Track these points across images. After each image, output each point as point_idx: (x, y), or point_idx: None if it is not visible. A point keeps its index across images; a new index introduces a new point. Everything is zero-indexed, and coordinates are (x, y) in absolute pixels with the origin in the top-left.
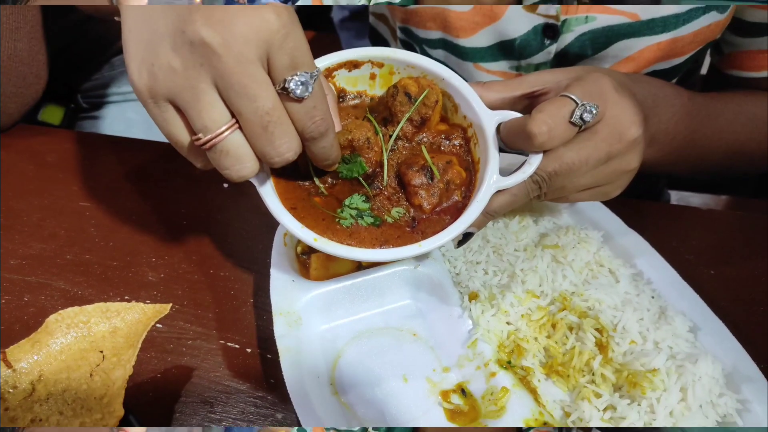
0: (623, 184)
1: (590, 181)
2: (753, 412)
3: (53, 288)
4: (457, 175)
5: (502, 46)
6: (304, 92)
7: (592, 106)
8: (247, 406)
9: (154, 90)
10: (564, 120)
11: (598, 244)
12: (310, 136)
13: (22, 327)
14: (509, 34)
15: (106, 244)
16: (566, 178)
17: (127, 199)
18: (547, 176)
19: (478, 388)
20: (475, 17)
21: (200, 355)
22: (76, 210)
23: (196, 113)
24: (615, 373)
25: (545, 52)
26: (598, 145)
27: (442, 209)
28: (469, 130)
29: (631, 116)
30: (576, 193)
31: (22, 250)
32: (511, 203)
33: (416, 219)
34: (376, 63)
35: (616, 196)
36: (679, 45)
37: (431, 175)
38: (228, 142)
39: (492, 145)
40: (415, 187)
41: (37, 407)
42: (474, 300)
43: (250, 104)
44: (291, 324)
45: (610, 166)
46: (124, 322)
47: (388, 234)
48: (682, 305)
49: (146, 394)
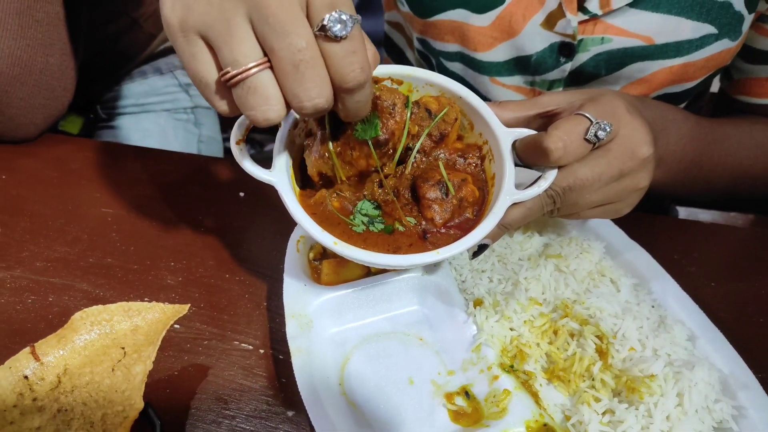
0: (633, 203)
1: (602, 198)
2: (749, 418)
3: (76, 289)
4: (470, 193)
5: (519, 61)
6: (342, 31)
7: (606, 124)
8: (260, 403)
9: (187, 23)
10: (579, 137)
11: (600, 255)
12: (346, 87)
13: (47, 325)
14: (526, 50)
15: (127, 249)
16: (579, 193)
17: (146, 205)
18: (561, 191)
19: (481, 390)
20: (494, 32)
21: (215, 354)
22: (99, 215)
23: (227, 47)
24: (614, 379)
25: (560, 69)
26: (611, 163)
27: (453, 225)
28: (484, 148)
29: (643, 136)
30: (588, 210)
31: (47, 253)
32: (526, 217)
33: (427, 232)
34: (395, 80)
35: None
36: (691, 70)
37: (446, 190)
38: (257, 79)
39: (508, 159)
40: (430, 200)
41: (62, 398)
42: (479, 306)
43: (283, 40)
44: (302, 326)
45: (622, 183)
46: (144, 321)
47: (400, 241)
48: (682, 315)
49: (164, 390)
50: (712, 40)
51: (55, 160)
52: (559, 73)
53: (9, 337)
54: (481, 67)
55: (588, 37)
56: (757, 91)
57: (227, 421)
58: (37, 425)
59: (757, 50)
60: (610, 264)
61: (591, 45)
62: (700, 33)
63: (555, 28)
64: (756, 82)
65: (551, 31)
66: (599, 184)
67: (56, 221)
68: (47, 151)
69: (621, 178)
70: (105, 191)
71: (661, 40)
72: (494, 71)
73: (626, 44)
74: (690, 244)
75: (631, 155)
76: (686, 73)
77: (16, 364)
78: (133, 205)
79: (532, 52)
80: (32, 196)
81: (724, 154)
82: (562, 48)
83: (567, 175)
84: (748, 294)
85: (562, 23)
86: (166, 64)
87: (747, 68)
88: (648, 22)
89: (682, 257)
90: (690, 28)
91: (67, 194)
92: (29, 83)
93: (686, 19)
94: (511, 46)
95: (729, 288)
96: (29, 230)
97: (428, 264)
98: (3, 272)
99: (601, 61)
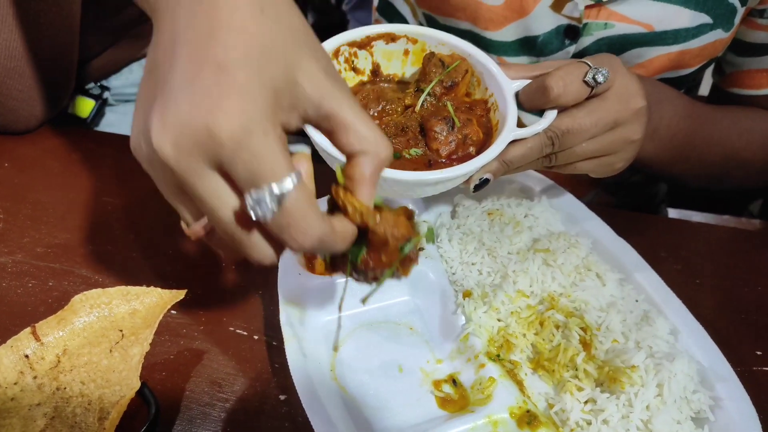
0: (627, 157)
1: (597, 147)
2: (725, 408)
3: (76, 275)
4: (475, 132)
5: (525, 41)
6: (265, 214)
7: (604, 69)
8: (253, 387)
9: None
10: (578, 78)
11: (587, 250)
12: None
13: (47, 309)
14: (533, 31)
15: (127, 237)
16: (576, 138)
17: (147, 195)
18: (560, 133)
19: (468, 378)
20: (505, 12)
21: (211, 339)
22: (100, 204)
23: (174, 206)
24: (597, 369)
25: (564, 51)
26: (608, 109)
27: (456, 158)
28: (490, 101)
29: (637, 89)
30: (583, 161)
31: (47, 240)
32: (525, 155)
33: (432, 161)
34: (410, 39)
35: (618, 170)
36: (687, 57)
37: (452, 125)
38: (211, 239)
39: (511, 103)
40: (436, 132)
41: (62, 377)
42: (468, 298)
43: (211, 216)
44: (296, 314)
45: (617, 132)
46: (142, 305)
47: (408, 167)
48: (665, 309)
49: (160, 373)
50: (707, 30)
51: (57, 150)
52: (563, 55)
53: (9, 319)
54: (490, 46)
55: (592, 22)
56: (748, 82)
57: (221, 404)
58: (37, 402)
59: (748, 43)
60: (596, 259)
61: (594, 29)
62: (696, 22)
63: (563, 10)
64: (747, 74)
65: (559, 13)
66: (595, 130)
67: (57, 209)
68: (49, 140)
69: (616, 127)
70: (106, 181)
71: (661, 27)
72: (501, 51)
73: (628, 30)
74: (677, 243)
75: (626, 104)
76: (682, 60)
77: (17, 344)
78: (133, 195)
79: (539, 33)
80: (34, 184)
81: (716, 135)
82: (567, 31)
83: (566, 117)
84: (731, 292)
85: (569, 6)
86: None
87: (738, 61)
88: (649, 10)
89: (669, 255)
90: (688, 17)
91: (69, 183)
92: (29, 75)
93: (685, 8)
94: (520, 26)
95: (713, 285)
96: (31, 217)
97: (430, 182)
98: (5, 257)
99: (603, 46)
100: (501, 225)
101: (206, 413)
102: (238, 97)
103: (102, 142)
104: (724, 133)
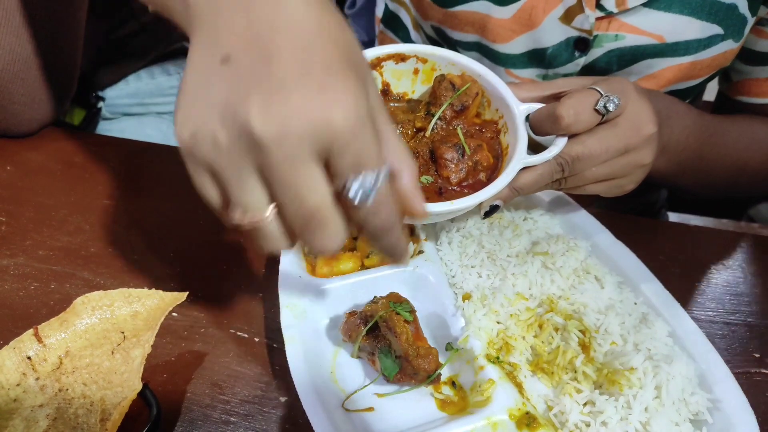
0: (637, 179)
1: (608, 172)
2: (723, 411)
3: (78, 277)
4: (485, 158)
5: (534, 54)
6: (364, 200)
7: (616, 97)
8: (254, 389)
9: (194, 156)
10: (590, 106)
11: (585, 253)
12: (370, 235)
13: (48, 311)
14: (543, 43)
15: (128, 239)
16: (587, 164)
17: (148, 198)
18: (570, 160)
19: (468, 380)
20: (514, 25)
21: (212, 342)
22: (101, 207)
23: (235, 194)
24: (596, 371)
25: (574, 63)
26: (618, 136)
27: (467, 185)
28: (500, 122)
29: (649, 115)
30: (593, 183)
31: (49, 242)
32: (536, 182)
33: (442, 189)
34: (420, 58)
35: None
36: (697, 68)
37: (462, 152)
38: (264, 226)
39: (521, 129)
40: (446, 160)
41: (64, 378)
42: (467, 300)
43: (294, 201)
44: (297, 316)
45: (627, 158)
46: (144, 307)
47: None
48: (663, 312)
49: (161, 375)
50: (718, 41)
51: (59, 154)
52: (572, 67)
53: (12, 321)
54: (498, 58)
55: (603, 34)
56: (756, 90)
57: (222, 405)
58: (40, 403)
59: (756, 52)
60: (595, 262)
61: (605, 41)
62: (708, 33)
63: (573, 23)
64: (754, 83)
65: (569, 25)
66: (606, 156)
67: (59, 212)
68: (52, 144)
69: (626, 153)
70: (107, 184)
71: (672, 38)
72: (510, 63)
73: (638, 42)
74: (676, 247)
75: (636, 131)
76: (693, 71)
77: (19, 345)
78: (134, 198)
79: (548, 45)
80: (36, 187)
81: (723, 147)
82: (577, 43)
83: (576, 144)
84: (729, 295)
85: (580, 18)
86: (175, 65)
87: (746, 69)
88: (660, 21)
89: (668, 258)
90: (699, 28)
91: (71, 186)
92: (30, 79)
93: (696, 19)
94: (529, 38)
95: (711, 289)
96: (33, 220)
97: (442, 214)
98: (7, 260)
99: (614, 57)
100: (500, 228)
101: (207, 415)
102: (352, 94)
103: (104, 145)
104: (732, 144)
